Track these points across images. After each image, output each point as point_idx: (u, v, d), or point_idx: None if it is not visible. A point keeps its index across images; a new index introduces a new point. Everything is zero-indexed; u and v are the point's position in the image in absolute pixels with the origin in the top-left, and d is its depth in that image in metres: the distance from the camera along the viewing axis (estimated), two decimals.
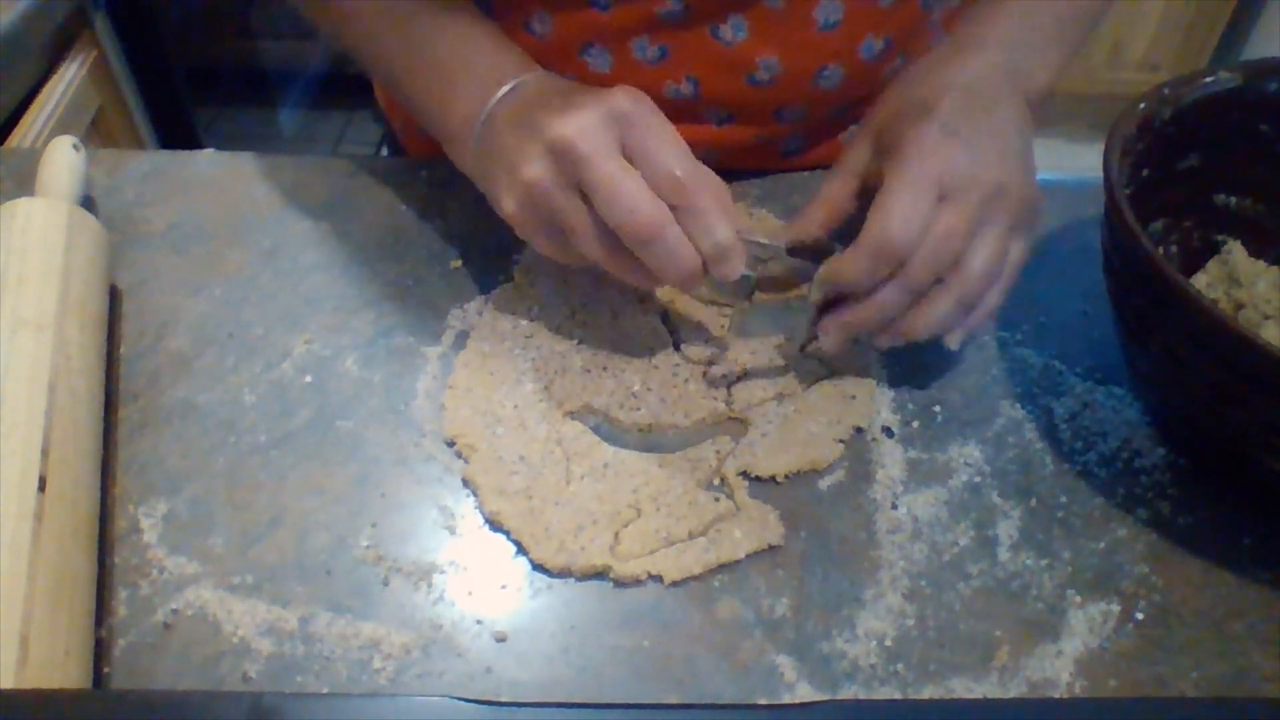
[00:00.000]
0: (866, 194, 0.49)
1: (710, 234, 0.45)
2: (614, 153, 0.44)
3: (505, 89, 0.49)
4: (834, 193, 0.51)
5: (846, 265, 0.46)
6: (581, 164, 0.44)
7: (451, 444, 0.48)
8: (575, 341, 0.52)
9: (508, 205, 0.48)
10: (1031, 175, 0.49)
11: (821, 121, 0.64)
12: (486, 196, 0.50)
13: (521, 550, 0.44)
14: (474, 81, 0.50)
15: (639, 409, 0.49)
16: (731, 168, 0.57)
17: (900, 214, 0.45)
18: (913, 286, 0.46)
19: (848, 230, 0.48)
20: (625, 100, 0.45)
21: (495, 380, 0.50)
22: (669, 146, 0.45)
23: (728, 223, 0.45)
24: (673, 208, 0.44)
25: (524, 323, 0.53)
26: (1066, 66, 0.55)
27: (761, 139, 0.63)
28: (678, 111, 0.60)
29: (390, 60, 0.55)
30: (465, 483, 0.47)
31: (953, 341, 0.49)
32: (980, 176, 0.46)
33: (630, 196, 0.43)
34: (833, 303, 0.48)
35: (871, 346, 0.51)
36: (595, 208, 0.45)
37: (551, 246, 0.49)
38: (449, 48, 0.52)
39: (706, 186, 0.45)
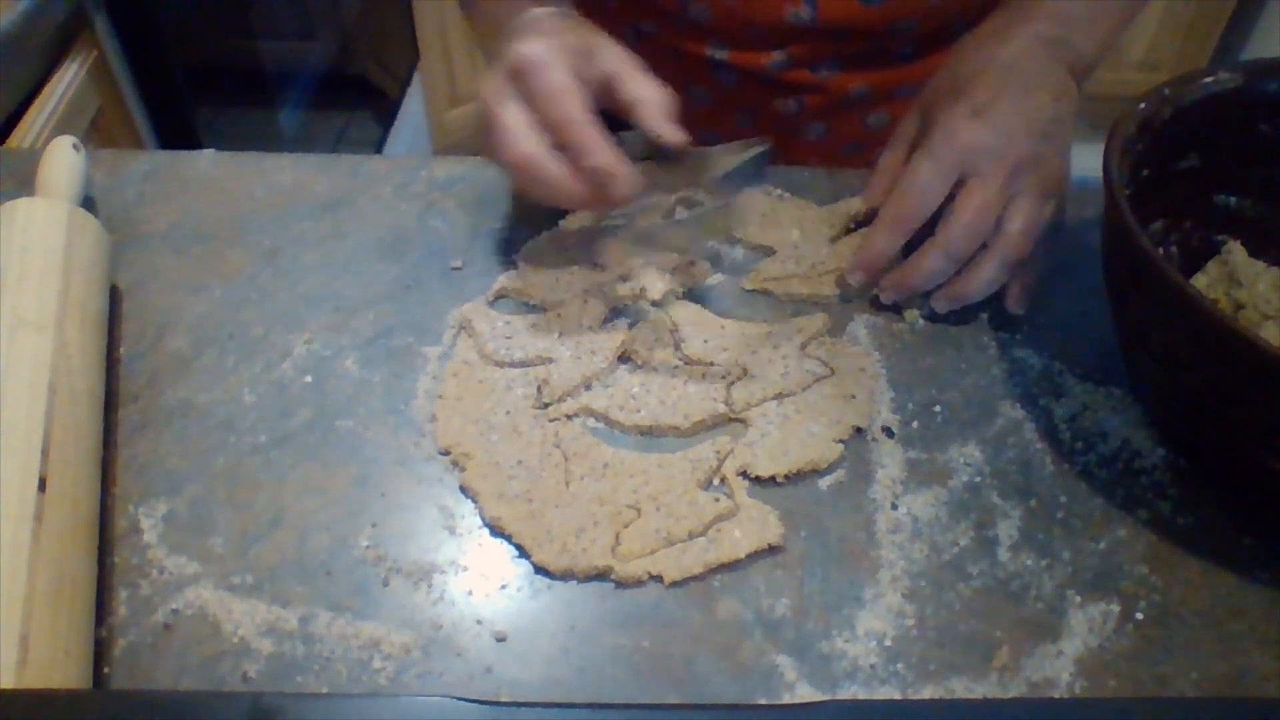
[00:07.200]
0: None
1: (590, 159, 0.50)
2: (511, 102, 0.51)
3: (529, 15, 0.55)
4: (889, 163, 0.58)
5: (872, 238, 0.54)
6: (487, 114, 0.52)
7: (446, 453, 0.48)
8: (555, 336, 0.52)
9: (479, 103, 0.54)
10: (1060, 146, 0.54)
11: (933, 31, 0.67)
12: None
13: (522, 552, 0.44)
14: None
15: (638, 411, 0.49)
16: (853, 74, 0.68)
17: (915, 187, 0.53)
18: (953, 253, 0.52)
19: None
20: (526, 52, 0.51)
21: (485, 388, 0.50)
22: (556, 94, 0.50)
23: (606, 149, 0.50)
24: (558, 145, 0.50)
25: (502, 324, 0.53)
26: (1118, 36, 0.58)
27: (874, 48, 0.68)
28: (796, 35, 0.66)
29: None
30: (464, 490, 0.47)
31: (1017, 305, 0.54)
32: (1005, 153, 0.52)
33: (510, 134, 0.50)
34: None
35: (931, 307, 0.55)
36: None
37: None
38: None
39: (589, 123, 0.51)
